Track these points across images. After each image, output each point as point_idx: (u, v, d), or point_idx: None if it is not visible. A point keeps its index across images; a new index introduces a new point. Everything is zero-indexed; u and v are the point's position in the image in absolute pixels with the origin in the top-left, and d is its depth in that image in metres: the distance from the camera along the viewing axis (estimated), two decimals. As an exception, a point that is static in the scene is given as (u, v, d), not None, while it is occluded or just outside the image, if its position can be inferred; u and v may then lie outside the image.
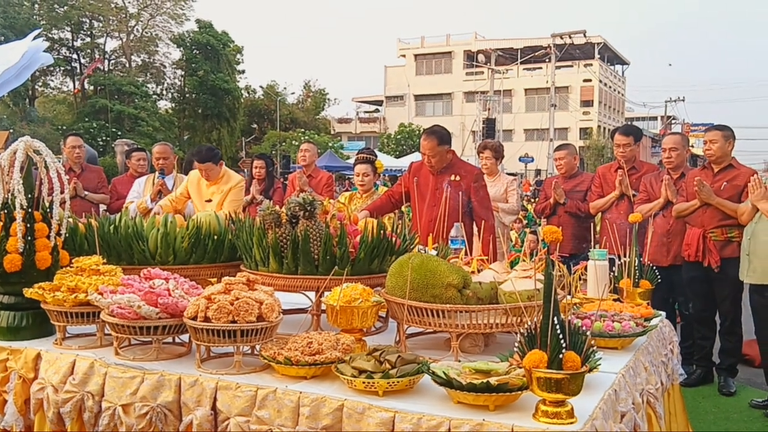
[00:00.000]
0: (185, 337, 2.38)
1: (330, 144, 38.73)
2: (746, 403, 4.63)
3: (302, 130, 42.88)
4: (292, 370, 2.05)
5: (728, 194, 4.65)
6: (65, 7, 37.85)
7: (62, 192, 2.67)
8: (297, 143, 30.20)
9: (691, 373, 5.00)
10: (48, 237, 2.65)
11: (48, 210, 2.68)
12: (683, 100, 50.50)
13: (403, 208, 5.13)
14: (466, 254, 3.16)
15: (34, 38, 3.40)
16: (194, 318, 2.13)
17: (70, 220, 2.86)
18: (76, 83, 40.16)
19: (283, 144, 40.14)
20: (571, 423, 1.71)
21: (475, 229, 4.46)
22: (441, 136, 4.59)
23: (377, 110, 60.33)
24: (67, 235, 2.78)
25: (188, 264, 2.89)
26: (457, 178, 4.55)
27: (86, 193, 6.26)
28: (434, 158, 4.57)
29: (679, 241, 4.91)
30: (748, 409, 4.55)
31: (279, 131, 44.44)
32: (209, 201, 4.99)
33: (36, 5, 37.53)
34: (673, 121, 49.47)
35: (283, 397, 1.98)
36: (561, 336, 1.69)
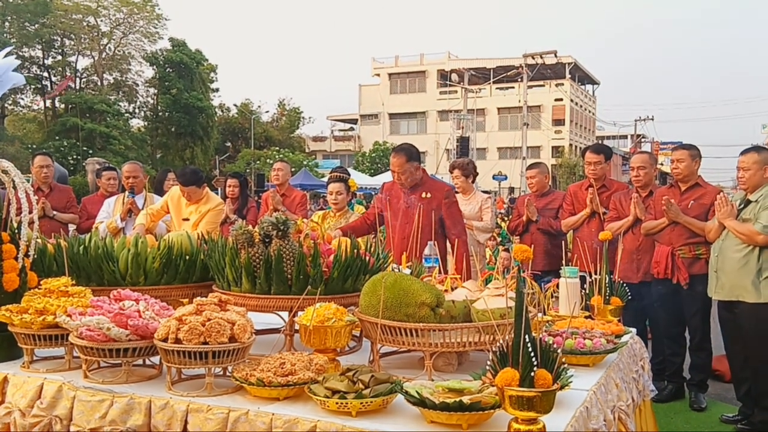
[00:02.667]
0: (156, 359, 2.34)
1: (305, 162, 38.69)
2: (717, 419, 4.68)
3: (277, 148, 42.81)
4: (265, 391, 2.03)
5: (695, 212, 4.73)
6: (36, 25, 37.50)
7: (30, 212, 2.63)
8: (271, 161, 30.12)
9: (663, 389, 5.04)
10: (16, 258, 2.61)
11: (16, 231, 2.64)
12: (652, 119, 51.52)
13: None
14: (439, 272, 3.17)
15: (5, 56, 3.33)
16: (165, 339, 2.10)
17: (39, 240, 2.82)
18: (47, 101, 39.72)
19: (258, 162, 40.00)
20: (544, 441, 1.72)
21: (448, 246, 4.49)
22: (409, 153, 4.63)
23: (352, 129, 60.49)
24: (35, 256, 2.74)
25: (159, 285, 2.86)
26: (428, 195, 4.59)
27: (55, 213, 6.17)
28: (403, 175, 4.60)
29: (648, 259, 4.98)
30: (719, 424, 4.61)
31: (253, 149, 44.31)
32: (186, 220, 5.01)
33: (6, 23, 37.12)
34: (642, 140, 50.40)
35: (255, 419, 1.96)
36: (532, 354, 1.70)
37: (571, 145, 50.26)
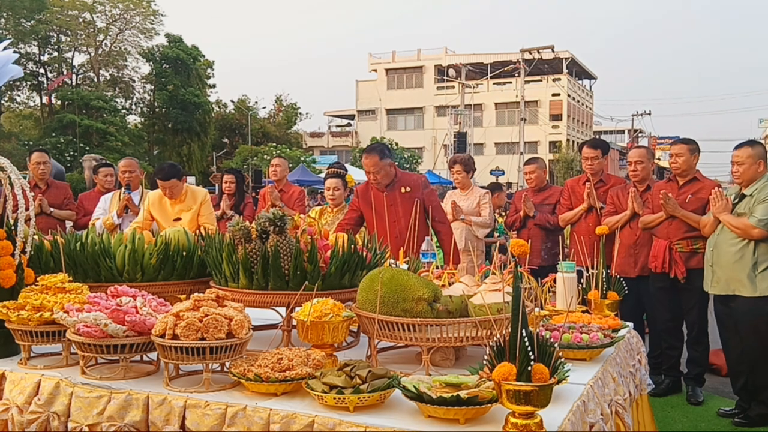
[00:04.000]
0: (153, 355, 2.35)
1: (302, 158, 38.64)
2: (714, 412, 4.69)
3: (274, 144, 42.71)
4: (262, 386, 2.04)
5: (693, 207, 4.74)
6: (32, 21, 37.38)
7: (27, 209, 2.62)
8: (268, 157, 30.08)
9: (660, 383, 5.06)
10: (12, 255, 2.61)
11: (12, 227, 2.64)
12: (650, 114, 51.71)
13: None
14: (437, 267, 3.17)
15: (4, 49, 3.31)
16: (162, 335, 2.10)
17: (36, 237, 2.81)
18: (43, 98, 39.63)
19: (255, 158, 39.94)
20: (541, 435, 1.72)
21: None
22: (381, 150, 4.64)
23: (349, 124, 60.43)
24: (32, 252, 2.74)
25: (157, 281, 2.86)
26: (408, 189, 4.61)
27: (51, 209, 6.16)
28: (379, 174, 4.61)
29: (646, 253, 4.99)
30: (716, 417, 4.62)
31: (250, 145, 44.25)
32: (178, 219, 4.83)
33: (2, 19, 36.99)
34: (639, 135, 50.41)
35: (253, 414, 1.96)
36: (529, 348, 1.70)
37: (568, 140, 50.25)
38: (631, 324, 3.17)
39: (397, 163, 4.85)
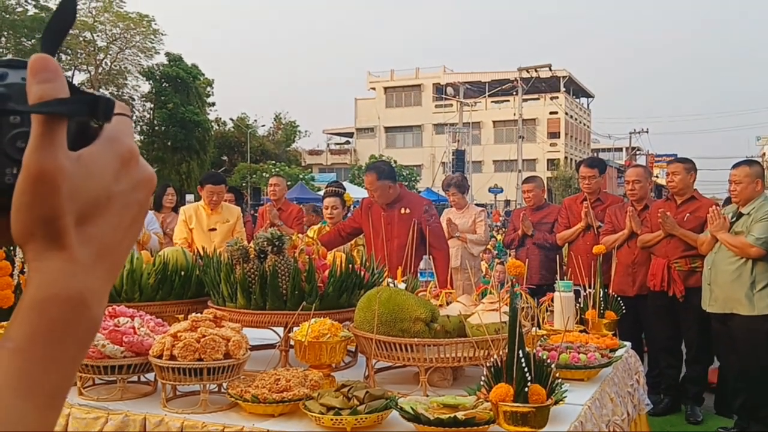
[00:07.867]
0: (151, 376, 2.34)
1: (301, 176, 38.72)
2: (713, 431, 4.67)
3: (273, 162, 42.82)
4: (260, 407, 2.03)
5: (691, 225, 4.76)
6: (33, 41, 37.60)
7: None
8: (267, 175, 30.13)
9: (659, 402, 5.04)
10: (11, 275, 2.61)
11: (11, 248, 2.64)
12: (647, 132, 51.71)
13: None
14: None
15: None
16: (160, 356, 2.10)
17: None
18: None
19: (254, 176, 40.03)
20: (538, 456, 1.72)
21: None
22: (380, 170, 4.66)
23: (348, 142, 60.63)
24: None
25: (154, 301, 2.85)
26: (407, 210, 4.62)
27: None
28: (376, 193, 4.62)
29: (644, 272, 5.00)
30: (716, 437, 4.61)
31: (249, 163, 44.34)
32: (213, 230, 5.03)
33: (3, 38, 37.24)
34: (637, 152, 50.56)
35: (250, 435, 1.96)
36: (526, 369, 1.71)
37: (566, 157, 50.42)
38: (629, 343, 3.17)
39: (394, 182, 4.87)
